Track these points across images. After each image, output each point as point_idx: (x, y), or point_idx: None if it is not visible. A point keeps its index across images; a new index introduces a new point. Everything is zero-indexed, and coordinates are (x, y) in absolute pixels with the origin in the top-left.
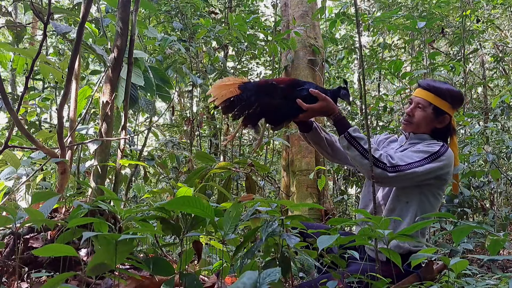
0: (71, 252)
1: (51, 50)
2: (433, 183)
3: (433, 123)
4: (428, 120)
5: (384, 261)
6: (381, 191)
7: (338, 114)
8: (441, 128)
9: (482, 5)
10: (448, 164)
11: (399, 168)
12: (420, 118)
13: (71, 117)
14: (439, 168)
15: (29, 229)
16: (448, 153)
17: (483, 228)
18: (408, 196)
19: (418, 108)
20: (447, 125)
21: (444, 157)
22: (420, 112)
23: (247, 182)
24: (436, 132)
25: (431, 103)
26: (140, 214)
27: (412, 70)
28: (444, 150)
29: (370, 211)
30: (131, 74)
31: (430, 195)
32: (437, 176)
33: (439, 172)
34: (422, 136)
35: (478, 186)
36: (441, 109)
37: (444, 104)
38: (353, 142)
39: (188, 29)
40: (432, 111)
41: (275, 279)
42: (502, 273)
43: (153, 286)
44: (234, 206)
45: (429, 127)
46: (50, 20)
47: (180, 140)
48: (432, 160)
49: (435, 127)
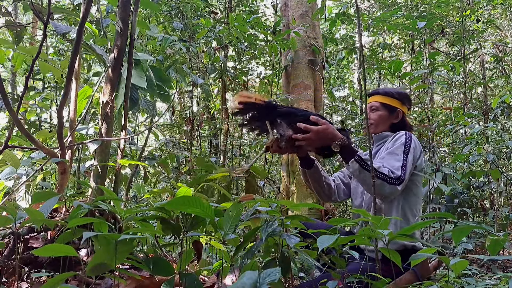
0: (71, 252)
1: (51, 50)
2: (412, 172)
3: (389, 119)
4: (384, 118)
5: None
6: (366, 194)
7: (343, 139)
8: (397, 123)
9: (482, 5)
10: (418, 148)
11: (402, 178)
12: (377, 118)
13: (71, 117)
14: (416, 156)
15: (29, 229)
16: (413, 138)
17: (483, 228)
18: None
19: (373, 111)
20: (402, 120)
21: (413, 143)
22: (375, 113)
23: (247, 185)
24: (394, 127)
25: (382, 102)
26: (140, 214)
27: (412, 70)
28: (409, 136)
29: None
30: (131, 74)
31: (411, 185)
32: (416, 165)
33: (417, 160)
34: (383, 135)
35: (478, 186)
36: (392, 105)
37: (393, 101)
38: (364, 165)
39: (188, 29)
40: (385, 109)
41: (275, 279)
42: (502, 273)
43: (153, 286)
44: (234, 206)
45: (386, 124)
46: (50, 20)
47: (180, 140)
48: (408, 151)
49: (392, 123)
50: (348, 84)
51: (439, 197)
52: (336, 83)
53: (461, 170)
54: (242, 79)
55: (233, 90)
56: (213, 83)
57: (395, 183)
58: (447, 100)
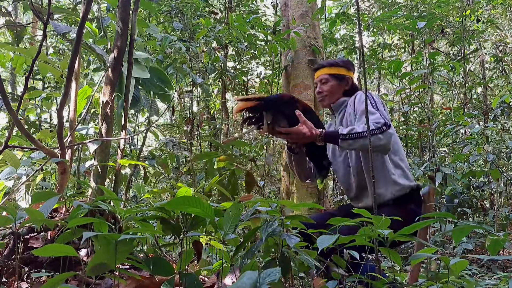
0: (71, 252)
1: (51, 50)
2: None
3: (341, 88)
4: (335, 87)
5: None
6: (353, 169)
7: (321, 133)
8: (349, 89)
9: (482, 5)
10: (379, 99)
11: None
12: (329, 89)
13: (71, 117)
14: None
15: (29, 229)
16: (371, 93)
17: (483, 228)
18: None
19: (323, 84)
20: (352, 84)
21: (374, 97)
22: (326, 85)
23: (247, 177)
24: (346, 93)
25: (330, 74)
26: (140, 214)
27: (412, 70)
28: (369, 94)
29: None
30: (131, 74)
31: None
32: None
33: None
34: (340, 101)
35: (478, 186)
36: (340, 74)
37: (340, 70)
38: (352, 135)
39: (188, 29)
40: (334, 79)
41: (275, 279)
42: (502, 273)
43: (153, 286)
44: (234, 206)
45: (340, 92)
46: (50, 20)
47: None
48: (375, 102)
49: (344, 90)
50: None
51: (439, 197)
52: None
53: (461, 170)
54: (242, 79)
55: (233, 90)
56: (213, 83)
57: (385, 130)
58: (447, 100)
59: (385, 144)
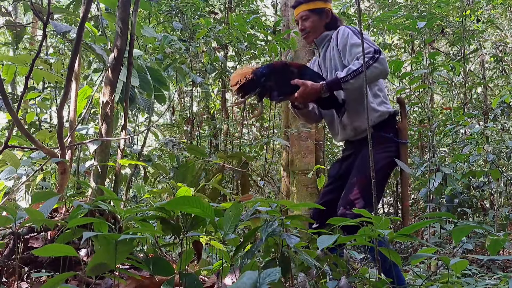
0: (71, 252)
1: (51, 50)
2: None
3: (322, 21)
4: (317, 21)
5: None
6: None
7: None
8: (330, 21)
9: (482, 5)
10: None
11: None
12: (311, 25)
13: (71, 117)
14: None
15: (29, 229)
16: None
17: (483, 228)
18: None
19: (304, 21)
20: (332, 17)
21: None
22: (308, 21)
23: (242, 179)
24: (328, 25)
25: (308, 9)
26: (140, 214)
27: (412, 70)
28: (350, 28)
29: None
30: (131, 74)
31: None
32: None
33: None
34: (323, 35)
35: (478, 186)
36: (318, 8)
37: (317, 4)
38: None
39: (188, 29)
40: (314, 14)
41: (275, 279)
42: (502, 273)
43: (153, 286)
44: (234, 206)
45: (321, 26)
46: (50, 20)
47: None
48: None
49: (325, 23)
50: None
51: (439, 197)
52: None
53: (461, 170)
54: None
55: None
56: (213, 83)
57: (377, 56)
58: (447, 100)
59: (383, 70)
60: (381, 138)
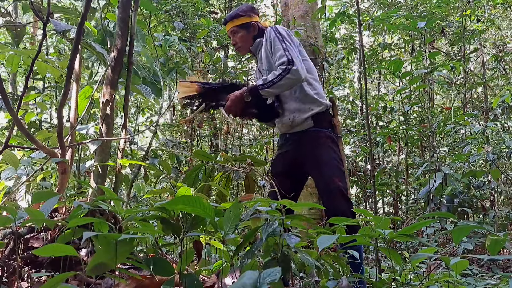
0: (71, 252)
1: (52, 50)
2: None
3: (250, 34)
4: (245, 35)
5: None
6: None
7: (244, 91)
8: (258, 33)
9: (482, 5)
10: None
11: (289, 59)
12: (241, 39)
13: (72, 117)
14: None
15: (30, 229)
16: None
17: (483, 228)
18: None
19: (234, 35)
20: (259, 28)
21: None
22: (237, 36)
23: (246, 181)
24: (256, 36)
25: (235, 25)
26: (140, 214)
27: (412, 70)
28: (274, 28)
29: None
30: (131, 73)
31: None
32: (293, 41)
33: (291, 36)
34: (256, 43)
35: (479, 186)
36: (244, 23)
37: (243, 19)
38: (267, 84)
39: (188, 29)
40: (243, 29)
41: (275, 279)
42: (502, 273)
43: (153, 286)
44: (234, 206)
45: (250, 38)
46: (50, 19)
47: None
48: (281, 36)
49: (253, 35)
50: (348, 84)
51: (439, 197)
52: (336, 82)
53: (461, 170)
54: (243, 79)
55: None
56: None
57: (290, 68)
58: (447, 100)
59: (296, 80)
60: (321, 135)
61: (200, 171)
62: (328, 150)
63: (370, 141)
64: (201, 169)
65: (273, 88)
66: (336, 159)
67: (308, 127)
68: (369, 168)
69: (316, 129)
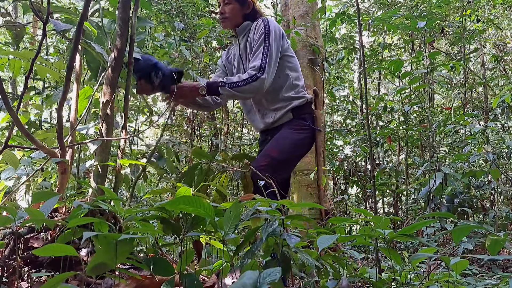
0: (71, 252)
1: (52, 50)
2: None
3: (242, 10)
4: (237, 10)
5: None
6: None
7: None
8: (249, 13)
9: (482, 5)
10: (278, 29)
11: (262, 66)
12: (231, 11)
13: (72, 117)
14: (278, 36)
15: (30, 229)
16: (270, 21)
17: (483, 228)
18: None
19: (226, 5)
20: (253, 9)
21: (271, 27)
22: (228, 6)
23: (244, 181)
24: (247, 16)
25: None
26: (140, 214)
27: (412, 70)
28: (266, 22)
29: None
30: (132, 73)
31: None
32: (283, 42)
33: (280, 38)
34: (243, 26)
35: (479, 186)
36: None
37: None
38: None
39: (189, 29)
40: (237, 2)
41: (275, 279)
42: (502, 272)
43: (153, 286)
44: (234, 206)
45: (240, 15)
46: (49, 19)
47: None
48: (268, 35)
49: (244, 13)
50: (348, 84)
51: (439, 197)
52: (336, 82)
53: (461, 170)
54: None
55: None
56: None
57: (258, 76)
58: (447, 100)
59: (259, 88)
60: (299, 123)
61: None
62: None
63: (370, 141)
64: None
65: (235, 90)
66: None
67: (287, 120)
68: (369, 168)
69: (297, 120)
